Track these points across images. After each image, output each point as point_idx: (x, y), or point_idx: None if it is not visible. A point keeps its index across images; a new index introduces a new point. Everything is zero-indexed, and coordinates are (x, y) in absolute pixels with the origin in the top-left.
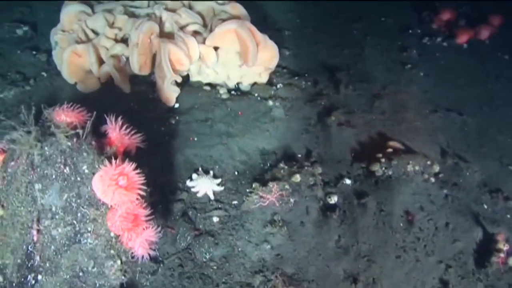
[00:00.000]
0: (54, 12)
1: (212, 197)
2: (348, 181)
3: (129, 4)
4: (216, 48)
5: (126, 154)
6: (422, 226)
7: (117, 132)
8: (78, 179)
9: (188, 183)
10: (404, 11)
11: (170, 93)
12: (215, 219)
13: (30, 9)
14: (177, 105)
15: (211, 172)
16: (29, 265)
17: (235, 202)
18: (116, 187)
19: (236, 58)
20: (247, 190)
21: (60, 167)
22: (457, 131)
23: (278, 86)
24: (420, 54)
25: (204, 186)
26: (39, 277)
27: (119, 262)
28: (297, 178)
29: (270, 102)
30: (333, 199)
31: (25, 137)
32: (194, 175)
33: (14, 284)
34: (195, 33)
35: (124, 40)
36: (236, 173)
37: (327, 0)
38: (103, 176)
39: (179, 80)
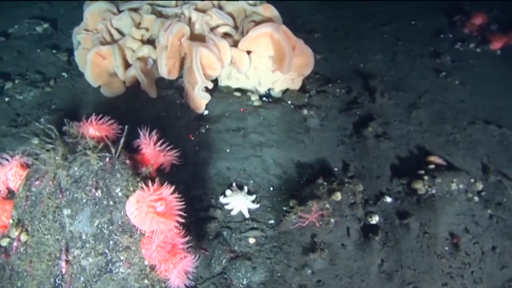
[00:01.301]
0: (75, 9)
1: (247, 215)
2: (388, 199)
3: (156, 3)
4: (248, 52)
5: (159, 171)
6: (468, 250)
7: (151, 148)
8: (111, 203)
9: (222, 199)
10: (434, 14)
11: (200, 100)
12: (251, 240)
13: (50, 5)
14: (206, 112)
15: (246, 188)
16: None
17: (272, 221)
18: (153, 215)
19: (269, 63)
20: (284, 208)
21: (91, 190)
22: (496, 144)
23: (312, 93)
24: (454, 60)
25: (238, 203)
26: None
27: None
28: (337, 196)
29: (305, 111)
30: (374, 219)
31: (51, 155)
32: (228, 191)
33: None
34: (226, 35)
35: (151, 42)
36: (271, 188)
37: (356, 0)
38: (139, 202)
39: (211, 86)
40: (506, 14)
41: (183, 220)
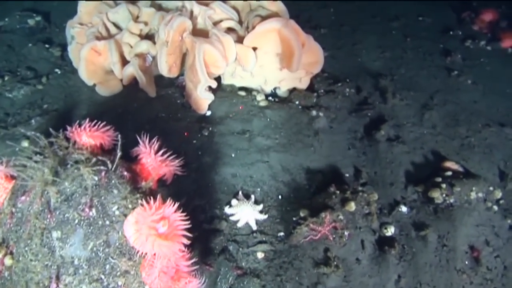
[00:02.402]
0: (69, 1)
1: (254, 227)
2: (404, 209)
3: None
4: (254, 49)
5: (160, 182)
6: (490, 265)
7: (152, 158)
8: (107, 223)
9: (227, 210)
10: (441, 10)
11: (203, 100)
12: (260, 255)
13: None
14: (209, 113)
15: (253, 197)
16: None
17: (281, 233)
18: (155, 238)
19: (276, 60)
20: (294, 219)
21: (84, 209)
22: None
23: (320, 92)
24: (465, 59)
25: (245, 214)
26: None
27: None
28: (351, 206)
29: (314, 112)
30: (390, 231)
31: (39, 168)
32: (234, 201)
33: None
34: (230, 30)
35: (150, 37)
36: (280, 197)
37: None
38: (138, 222)
39: (214, 85)
40: None
41: (188, 242)
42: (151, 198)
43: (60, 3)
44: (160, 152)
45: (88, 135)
